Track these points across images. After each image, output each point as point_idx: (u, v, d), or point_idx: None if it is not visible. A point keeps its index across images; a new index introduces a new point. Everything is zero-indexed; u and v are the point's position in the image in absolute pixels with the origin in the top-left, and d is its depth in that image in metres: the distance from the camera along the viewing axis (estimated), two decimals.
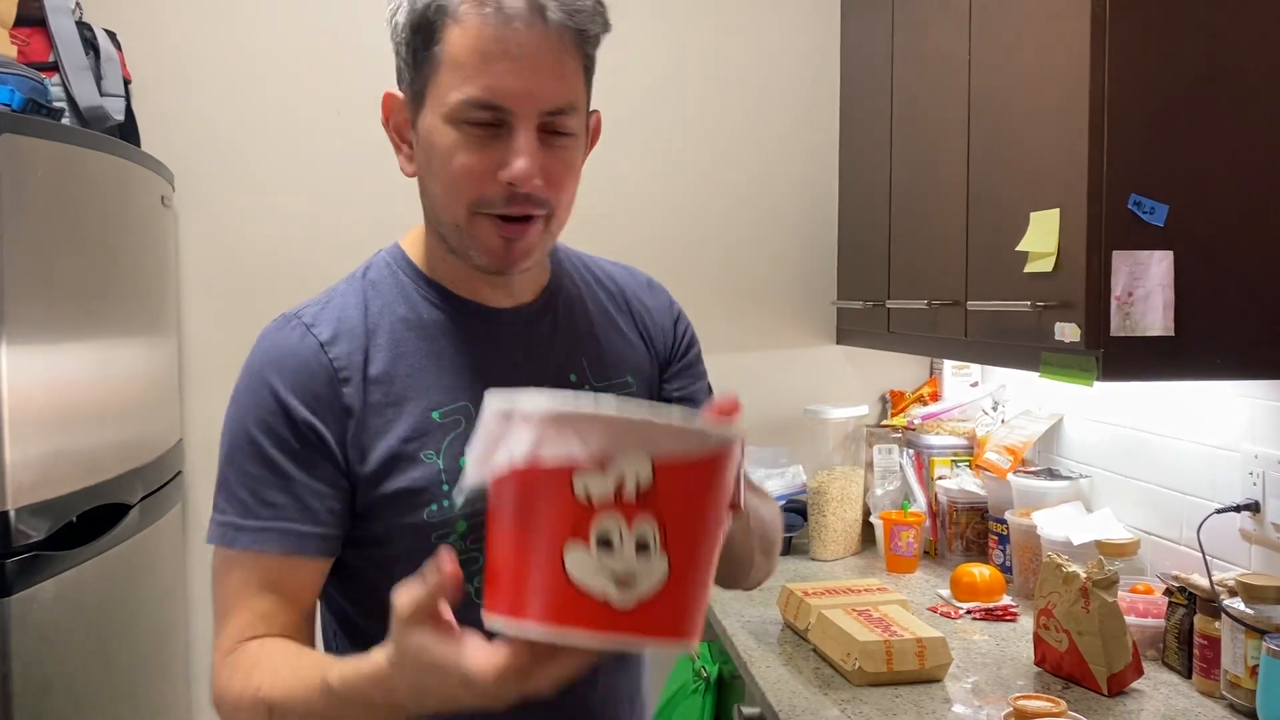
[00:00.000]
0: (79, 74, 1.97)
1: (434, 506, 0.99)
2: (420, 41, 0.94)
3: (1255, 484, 1.58)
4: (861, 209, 2.42)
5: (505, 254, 0.97)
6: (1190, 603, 1.53)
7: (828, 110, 2.60)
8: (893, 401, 2.65)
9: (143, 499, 1.99)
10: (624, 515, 0.69)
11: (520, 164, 0.92)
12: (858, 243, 2.46)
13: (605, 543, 0.69)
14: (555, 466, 0.69)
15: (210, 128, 2.41)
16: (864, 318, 2.39)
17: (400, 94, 1.00)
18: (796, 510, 2.35)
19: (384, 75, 2.70)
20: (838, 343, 2.65)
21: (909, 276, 2.10)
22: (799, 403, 2.59)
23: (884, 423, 2.57)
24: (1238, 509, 1.59)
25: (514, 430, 0.71)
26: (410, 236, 1.10)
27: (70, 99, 1.95)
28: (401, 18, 0.95)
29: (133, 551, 1.93)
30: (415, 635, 0.75)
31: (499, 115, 0.93)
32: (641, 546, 0.69)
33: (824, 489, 2.28)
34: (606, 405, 0.71)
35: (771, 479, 2.36)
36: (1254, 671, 1.37)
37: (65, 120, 1.92)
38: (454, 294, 1.05)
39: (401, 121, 1.01)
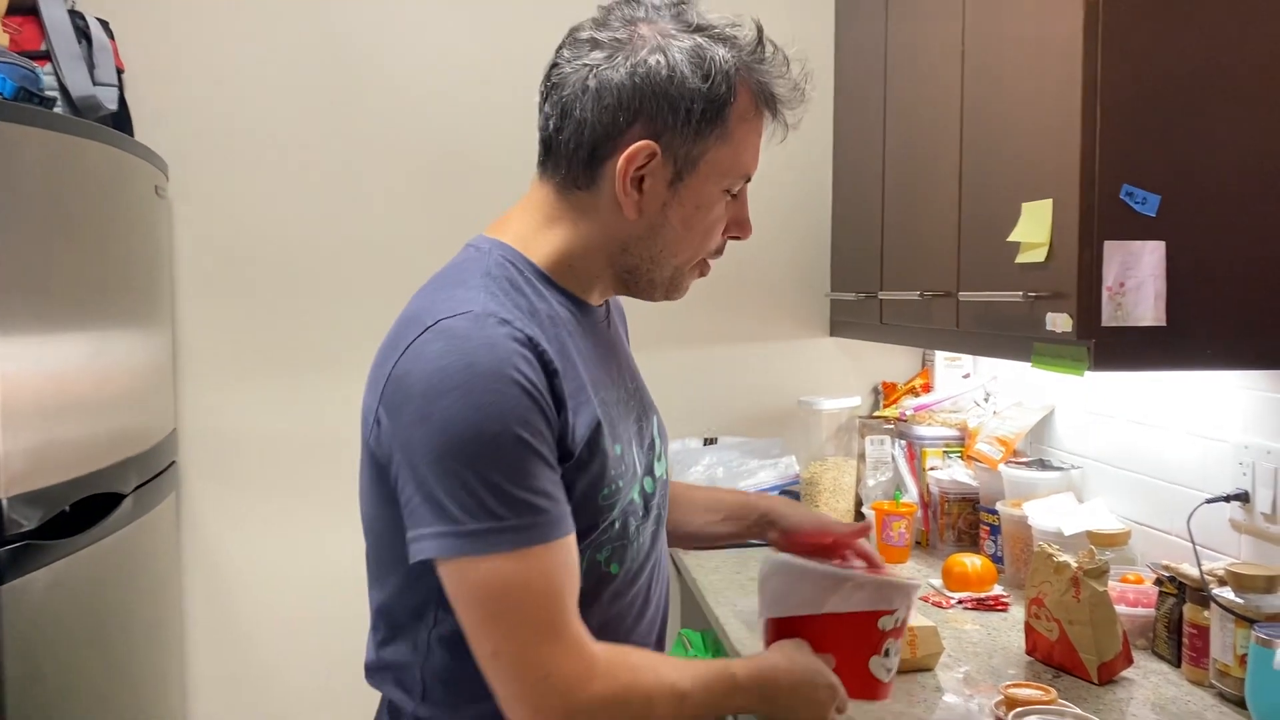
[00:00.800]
0: (71, 63, 1.96)
1: (605, 491, 1.06)
2: (714, 115, 1.04)
3: (1245, 474, 1.59)
4: (855, 201, 2.43)
5: (688, 287, 1.18)
6: (1180, 592, 1.54)
7: (821, 102, 2.60)
8: (885, 393, 2.66)
9: (136, 489, 1.99)
10: (895, 638, 1.20)
11: (749, 220, 1.15)
12: (851, 235, 2.46)
13: (887, 653, 1.20)
14: (874, 610, 1.18)
15: (204, 118, 2.40)
16: (857, 309, 2.39)
17: (655, 146, 1.04)
18: None
19: (378, 65, 2.68)
20: (831, 334, 2.65)
21: (902, 268, 2.11)
22: (793, 394, 2.60)
23: (876, 414, 2.57)
24: (1228, 499, 1.60)
25: (847, 587, 1.17)
26: (515, 236, 1.11)
27: (62, 88, 1.94)
28: (697, 84, 1.03)
29: (126, 541, 1.93)
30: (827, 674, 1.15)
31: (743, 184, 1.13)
32: (897, 654, 1.22)
33: (817, 479, 2.29)
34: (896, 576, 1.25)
35: (765, 469, 2.37)
36: (1243, 660, 1.37)
37: (57, 109, 1.91)
38: (572, 294, 1.11)
39: (647, 171, 1.05)
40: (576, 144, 1.05)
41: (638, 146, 1.03)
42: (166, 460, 2.25)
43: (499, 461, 0.95)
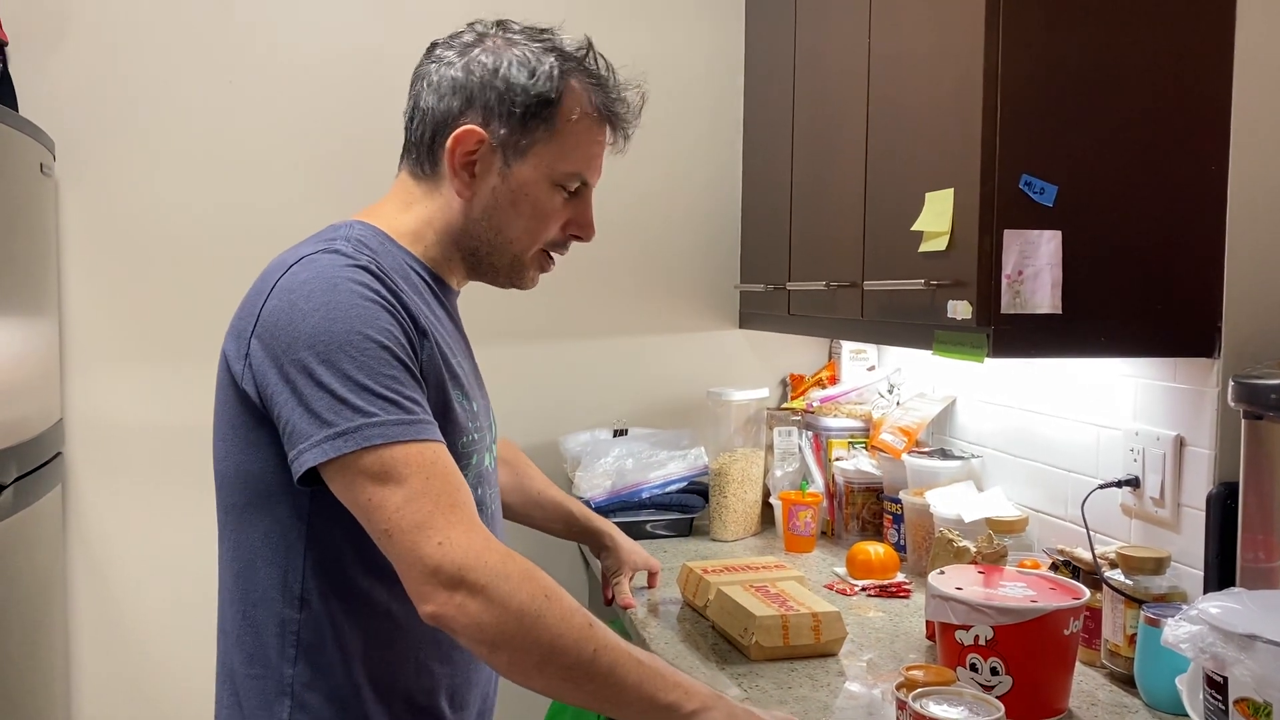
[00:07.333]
0: None
1: (464, 440, 1.16)
2: (538, 110, 1.18)
3: (1136, 460, 1.64)
4: (764, 193, 2.44)
5: (536, 279, 1.29)
6: (1074, 575, 1.57)
7: (731, 95, 2.62)
8: (792, 385, 2.68)
9: (17, 479, 1.90)
10: (980, 655, 1.31)
11: (591, 223, 1.27)
12: (760, 227, 2.48)
13: (973, 667, 1.31)
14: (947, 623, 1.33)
15: (94, 94, 2.31)
16: (766, 300, 2.41)
17: (482, 132, 1.17)
18: (698, 492, 2.36)
19: (277, 46, 2.60)
20: (740, 326, 2.67)
21: (809, 259, 2.13)
22: (702, 385, 2.61)
23: (784, 405, 2.59)
24: (1119, 484, 1.65)
25: (937, 602, 1.35)
26: (376, 217, 1.22)
27: None
28: (523, 81, 1.17)
29: (5, 535, 1.84)
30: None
31: (583, 187, 1.24)
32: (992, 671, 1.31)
33: (725, 470, 2.29)
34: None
35: (674, 460, 2.37)
36: (1132, 640, 1.41)
37: None
38: (435, 272, 1.23)
39: (478, 157, 1.18)
40: (421, 130, 1.21)
41: (464, 130, 1.17)
42: (51, 451, 2.15)
43: (362, 365, 1.02)
